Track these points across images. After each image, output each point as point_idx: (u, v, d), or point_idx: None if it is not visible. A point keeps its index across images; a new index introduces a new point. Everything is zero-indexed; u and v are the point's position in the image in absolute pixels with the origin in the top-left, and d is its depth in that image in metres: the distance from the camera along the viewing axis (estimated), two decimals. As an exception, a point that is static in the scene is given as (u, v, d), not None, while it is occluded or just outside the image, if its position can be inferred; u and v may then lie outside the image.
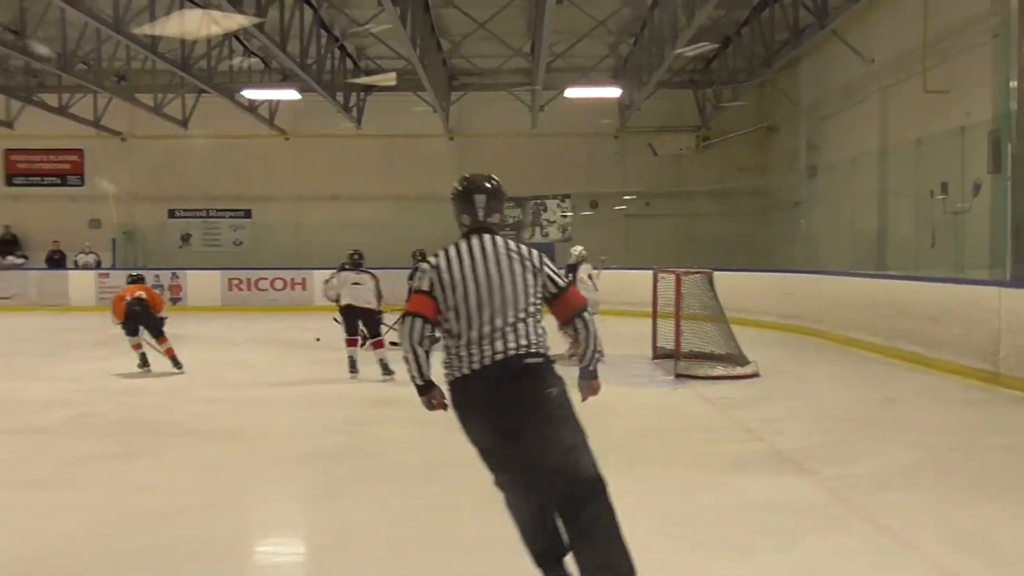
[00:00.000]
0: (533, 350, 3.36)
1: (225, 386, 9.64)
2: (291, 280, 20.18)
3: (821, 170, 17.49)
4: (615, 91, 19.41)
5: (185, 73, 16.63)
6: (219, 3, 12.25)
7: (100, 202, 22.32)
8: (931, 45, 12.51)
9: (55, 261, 21.75)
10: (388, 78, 17.25)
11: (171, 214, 23.21)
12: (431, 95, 18.60)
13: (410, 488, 5.42)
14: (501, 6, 15.45)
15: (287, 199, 22.65)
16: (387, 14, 12.42)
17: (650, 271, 12.11)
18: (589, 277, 11.17)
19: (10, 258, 21.68)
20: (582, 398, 3.57)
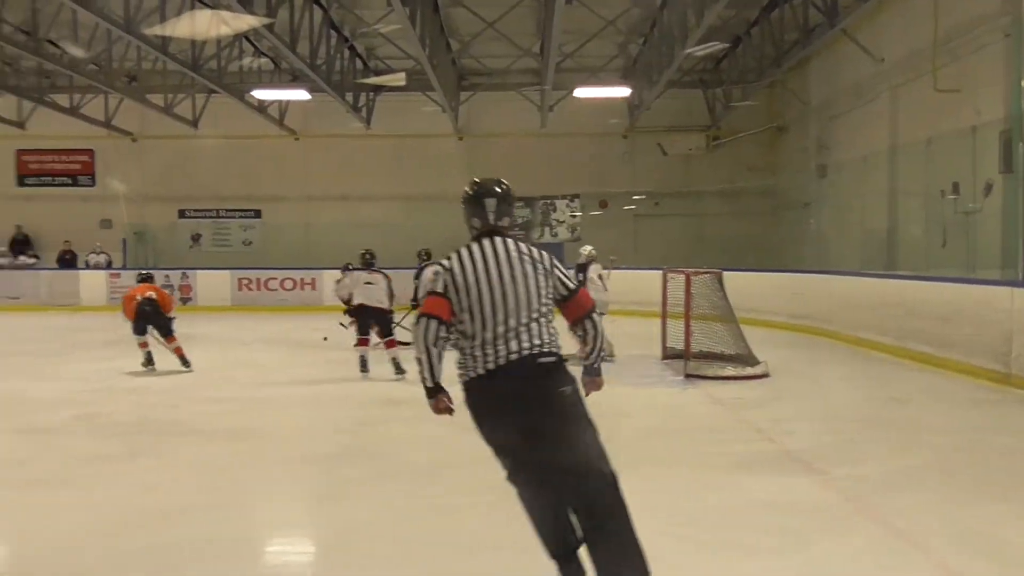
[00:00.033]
0: (547, 349, 3.43)
1: (233, 386, 9.67)
2: (301, 280, 20.22)
3: (831, 170, 17.42)
4: (624, 91, 19.38)
5: (195, 73, 16.68)
6: (229, 4, 12.29)
7: (111, 202, 22.41)
8: (941, 44, 12.45)
9: (66, 261, 21.87)
10: (397, 78, 17.27)
11: (181, 214, 23.32)
12: (440, 95, 18.60)
13: (416, 488, 5.43)
14: (510, 6, 15.44)
15: (297, 199, 22.71)
16: (396, 14, 12.44)
17: (659, 271, 12.08)
18: (599, 277, 11.13)
19: (22, 258, 21.81)
20: (585, 393, 3.64)
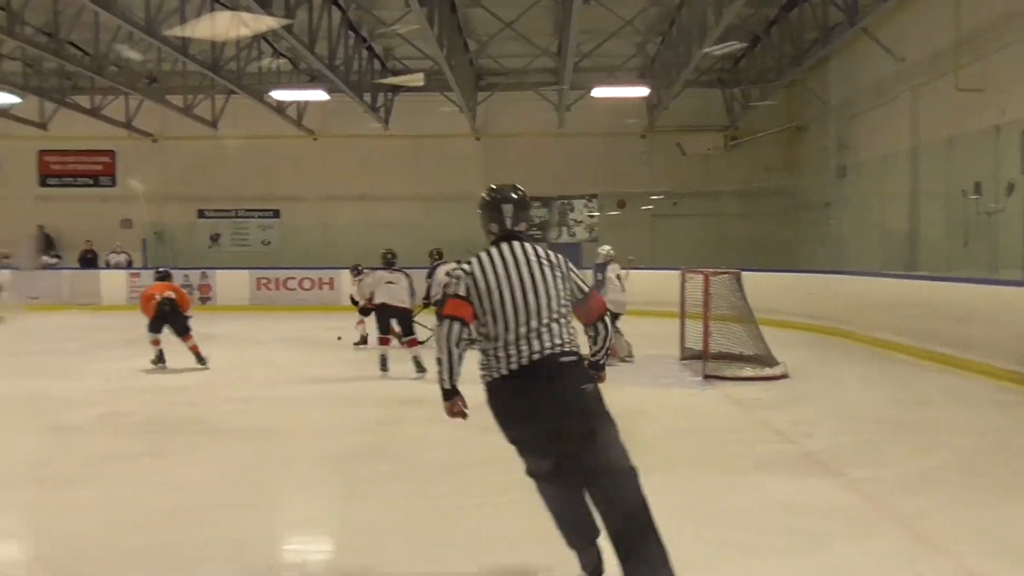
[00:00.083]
0: (567, 349, 3.55)
1: (252, 385, 9.71)
2: (319, 280, 20.29)
3: (851, 170, 17.32)
4: (642, 90, 19.33)
5: (215, 74, 16.78)
6: (248, 5, 12.36)
7: (131, 202, 22.59)
8: (964, 43, 12.35)
9: (87, 261, 22.06)
10: (415, 78, 17.31)
11: (200, 214, 23.47)
12: (458, 95, 18.63)
13: (435, 488, 5.43)
14: (528, 6, 15.44)
15: (315, 199, 22.80)
16: (414, 15, 12.47)
17: (677, 271, 12.02)
18: (617, 277, 11.09)
19: (44, 258, 22.00)
20: None
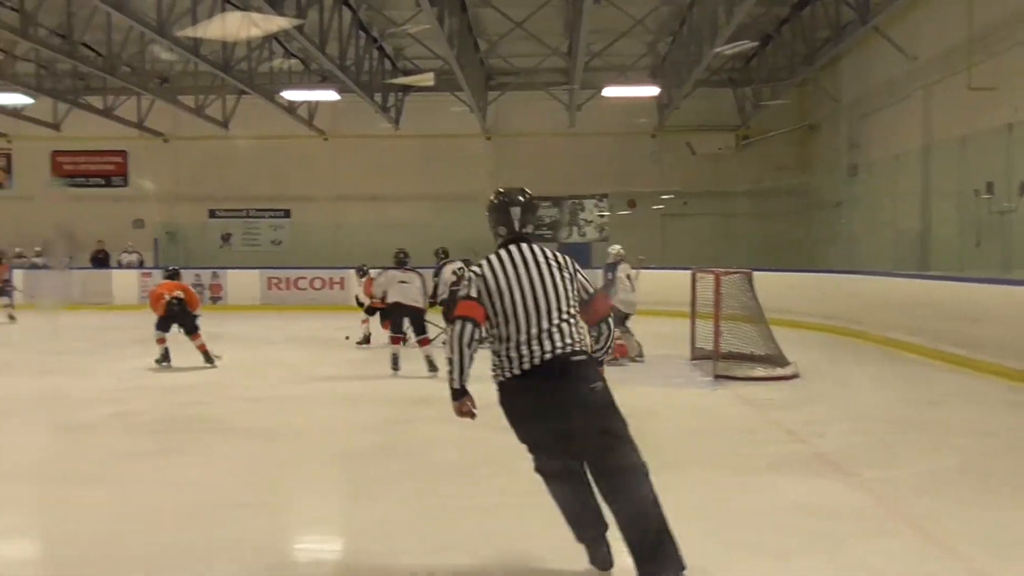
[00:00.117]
0: (578, 348, 3.66)
1: (263, 384, 9.74)
2: (329, 279, 20.33)
3: (863, 169, 17.26)
4: (653, 90, 19.32)
5: (226, 75, 16.84)
6: (260, 5, 12.39)
7: (143, 202, 22.70)
8: (976, 41, 12.30)
9: (99, 260, 22.15)
10: (426, 78, 17.33)
11: (212, 214, 23.57)
12: (468, 95, 18.65)
13: (446, 487, 5.43)
14: (538, 5, 15.44)
15: (326, 199, 22.86)
16: (424, 15, 12.50)
17: (688, 271, 11.99)
18: (628, 277, 11.03)
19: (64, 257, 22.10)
20: None
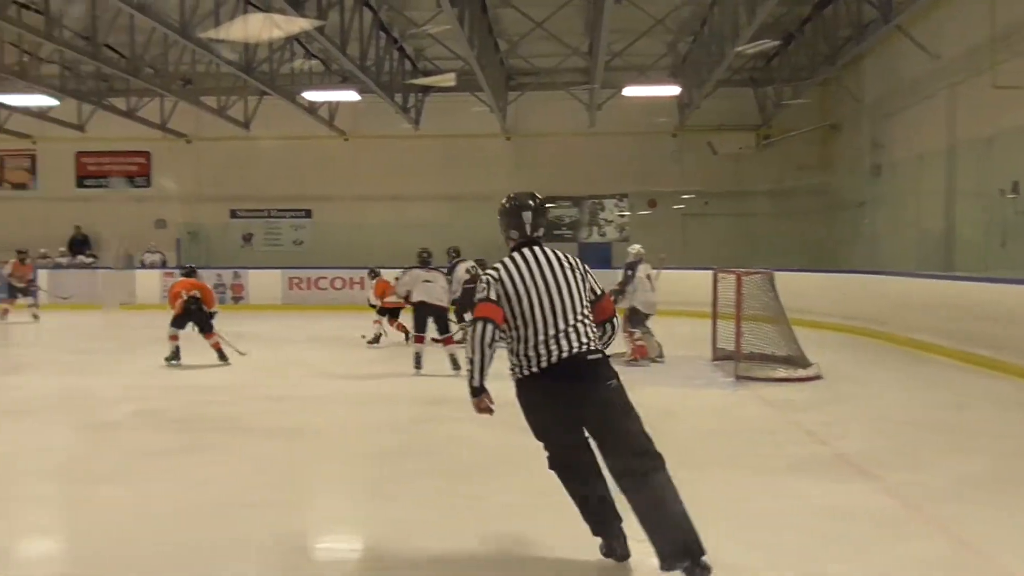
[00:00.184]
0: (593, 347, 3.78)
1: (285, 384, 9.80)
2: (350, 279, 20.37)
3: (886, 169, 17.12)
4: (674, 89, 19.23)
5: (248, 76, 16.93)
6: (281, 7, 12.45)
7: (166, 203, 22.87)
8: (1000, 39, 12.17)
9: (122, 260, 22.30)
10: (447, 79, 17.34)
11: (233, 214, 23.69)
12: (488, 95, 18.64)
13: (465, 487, 5.43)
14: (559, 5, 15.42)
15: (347, 199, 22.92)
16: (445, 15, 12.51)
17: (709, 271, 11.94)
18: (648, 277, 10.92)
19: (80, 258, 22.32)
20: None
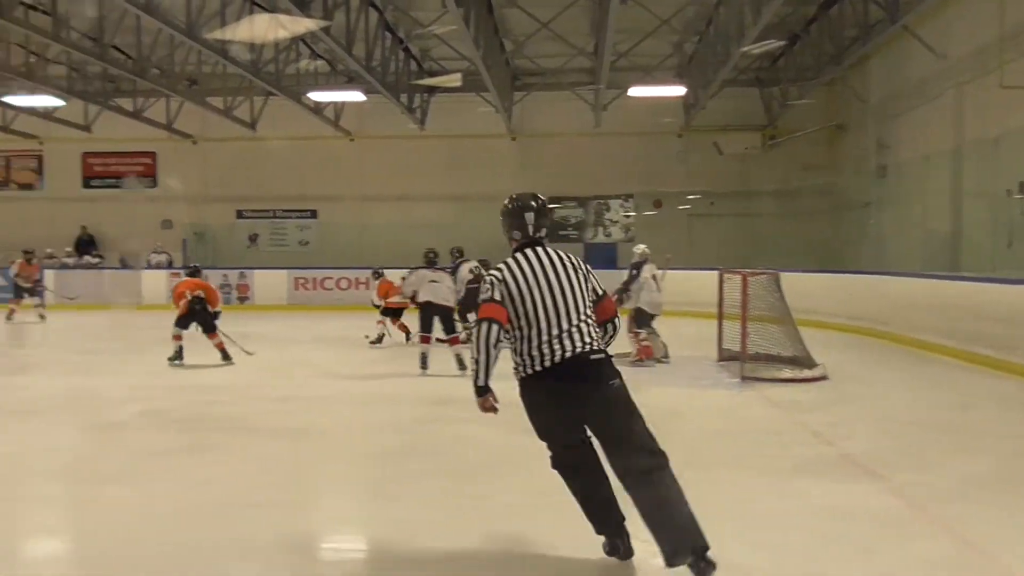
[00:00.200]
0: (596, 347, 3.82)
1: (291, 384, 9.82)
2: (356, 280, 20.38)
3: (891, 169, 17.08)
4: (679, 90, 19.23)
5: (254, 76, 16.96)
6: (287, 7, 12.47)
7: (172, 203, 22.91)
8: (1008, 39, 12.13)
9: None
10: (452, 79, 17.36)
11: (239, 214, 23.73)
12: (494, 95, 18.65)
13: (469, 487, 5.44)
14: (564, 6, 15.42)
15: (352, 199, 22.96)
16: (451, 15, 12.52)
17: (714, 271, 11.91)
18: (653, 277, 10.90)
19: (86, 258, 22.38)
20: None
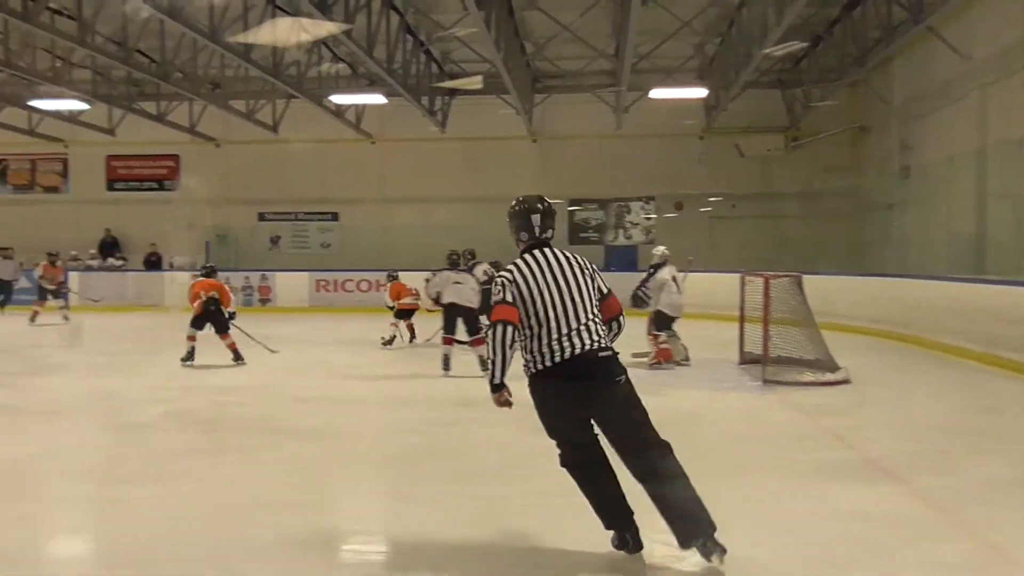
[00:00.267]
0: (604, 344, 3.94)
1: (311, 385, 9.86)
2: (377, 282, 20.33)
3: (915, 171, 16.95)
4: (701, 91, 19.17)
5: (276, 80, 17.06)
6: (309, 11, 12.54)
7: (194, 205, 23.08)
8: (1035, 40, 12.03)
9: (152, 263, 22.58)
10: (473, 82, 17.39)
11: (261, 217, 23.87)
12: (515, 98, 18.65)
13: (488, 489, 5.44)
14: (585, 8, 15.41)
15: (373, 202, 23.04)
16: (472, 18, 12.54)
17: (736, 274, 11.85)
18: (673, 279, 10.80)
19: (110, 260, 22.58)
20: None
